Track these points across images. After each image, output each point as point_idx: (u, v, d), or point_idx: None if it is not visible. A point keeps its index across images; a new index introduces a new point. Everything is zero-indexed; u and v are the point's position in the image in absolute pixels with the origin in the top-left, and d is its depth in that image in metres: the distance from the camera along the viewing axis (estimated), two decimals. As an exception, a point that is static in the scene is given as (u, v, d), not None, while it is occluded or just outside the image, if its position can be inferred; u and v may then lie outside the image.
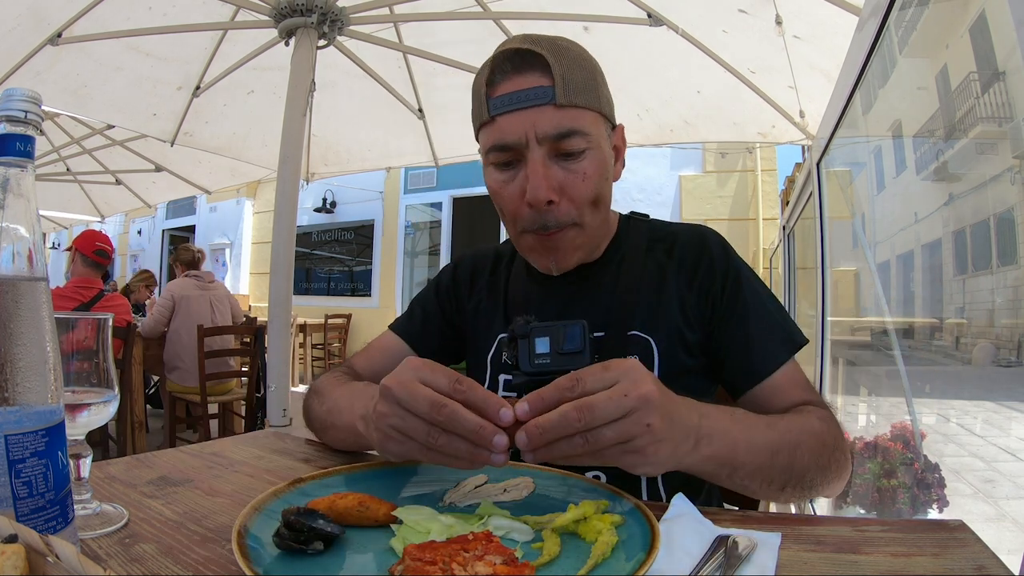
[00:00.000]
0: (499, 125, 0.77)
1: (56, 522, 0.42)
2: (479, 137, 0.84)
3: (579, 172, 0.77)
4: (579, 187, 0.77)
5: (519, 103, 0.76)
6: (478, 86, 0.81)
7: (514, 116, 0.76)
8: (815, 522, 0.59)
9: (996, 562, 0.47)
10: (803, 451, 0.66)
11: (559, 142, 0.76)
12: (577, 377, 0.51)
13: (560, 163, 0.77)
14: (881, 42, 1.89)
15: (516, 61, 0.77)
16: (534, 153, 0.76)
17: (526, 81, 0.76)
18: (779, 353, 0.81)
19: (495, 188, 0.82)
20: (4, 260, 0.40)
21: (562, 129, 0.75)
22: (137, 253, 12.68)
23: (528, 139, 0.75)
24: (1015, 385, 2.24)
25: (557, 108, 0.75)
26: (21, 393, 0.40)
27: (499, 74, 0.78)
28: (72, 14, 2.57)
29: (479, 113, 0.81)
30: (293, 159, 2.32)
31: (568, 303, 0.88)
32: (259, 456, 0.78)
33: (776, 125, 2.99)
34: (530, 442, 0.50)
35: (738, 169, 6.95)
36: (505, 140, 0.77)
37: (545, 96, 0.75)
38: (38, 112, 0.43)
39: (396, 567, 0.42)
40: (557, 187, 0.76)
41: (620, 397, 0.49)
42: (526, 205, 0.77)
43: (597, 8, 2.59)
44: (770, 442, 0.64)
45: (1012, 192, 2.02)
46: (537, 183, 0.75)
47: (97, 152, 5.05)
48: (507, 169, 0.80)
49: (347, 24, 2.54)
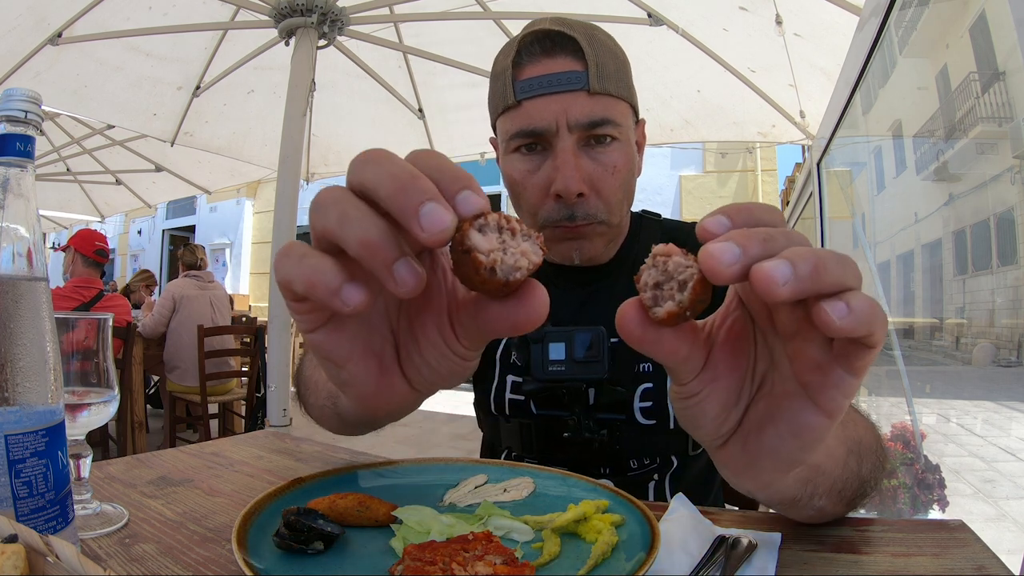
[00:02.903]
0: (526, 110, 0.72)
1: (56, 522, 0.42)
2: (498, 123, 0.78)
3: (609, 165, 0.72)
4: (608, 181, 0.73)
5: (550, 87, 0.70)
6: (501, 67, 0.75)
7: (544, 101, 0.70)
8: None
9: (996, 562, 0.47)
10: (865, 463, 0.53)
11: (591, 131, 0.71)
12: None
13: (589, 152, 0.72)
14: (881, 42, 1.89)
15: (546, 44, 0.71)
16: (564, 142, 0.70)
17: (557, 65, 0.70)
18: None
19: (517, 178, 0.75)
20: (4, 260, 0.40)
21: (595, 117, 0.70)
22: (137, 253, 12.69)
23: (559, 126, 0.70)
24: (1015, 385, 2.24)
25: (590, 95, 0.70)
26: (21, 393, 0.40)
27: (527, 56, 0.72)
28: (72, 14, 2.57)
29: (502, 96, 0.75)
30: (293, 159, 2.32)
31: (582, 305, 0.84)
32: (259, 456, 0.78)
33: (776, 125, 2.99)
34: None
35: (738, 169, 6.95)
36: (534, 126, 0.71)
37: (579, 82, 0.69)
38: (38, 112, 0.43)
39: (396, 567, 0.42)
40: (587, 179, 0.71)
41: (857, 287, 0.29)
42: (552, 197, 0.72)
43: (597, 8, 2.59)
44: (846, 439, 0.50)
45: (1012, 192, 2.02)
46: (569, 174, 0.69)
47: (97, 152, 5.05)
48: (531, 155, 0.74)
49: (347, 24, 2.54)
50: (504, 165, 0.78)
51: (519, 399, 0.82)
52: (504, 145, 0.77)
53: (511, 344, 0.84)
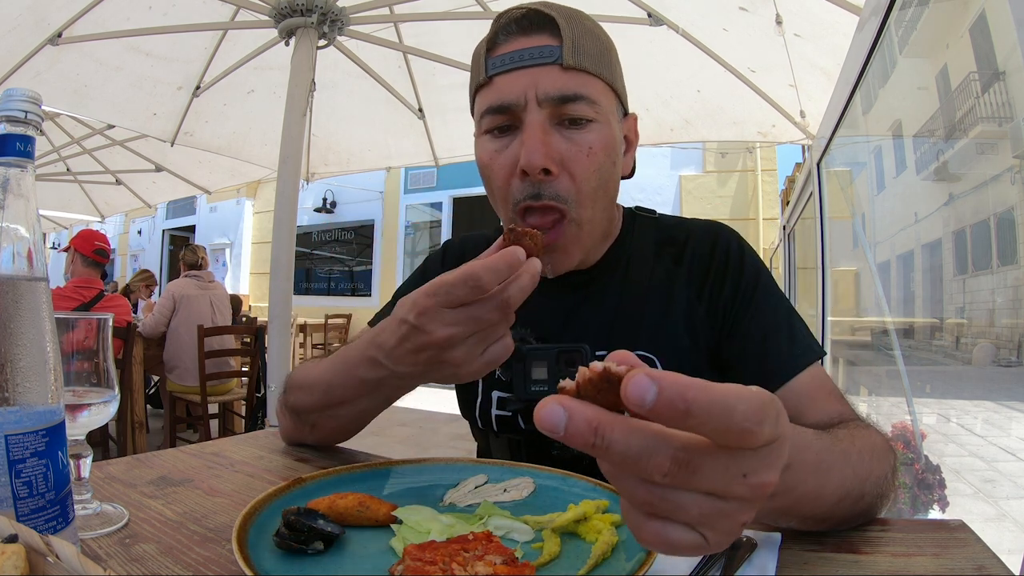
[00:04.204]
0: (496, 85, 0.68)
1: (56, 522, 0.42)
2: (474, 106, 0.73)
3: (583, 145, 0.67)
4: (583, 162, 0.67)
5: (521, 61, 0.67)
6: (478, 50, 0.72)
7: (513, 75, 0.67)
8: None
9: (996, 562, 0.47)
10: (867, 498, 0.54)
11: (562, 106, 0.66)
12: (762, 421, 0.28)
13: (563, 132, 0.67)
14: (881, 42, 1.89)
15: (523, 23, 0.68)
16: (532, 115, 0.66)
17: (531, 42, 0.67)
18: (802, 354, 0.71)
19: (485, 160, 0.71)
20: (4, 260, 0.40)
21: (567, 91, 0.66)
22: (137, 253, 12.69)
23: (527, 99, 0.66)
24: (1015, 385, 2.24)
25: (563, 69, 0.66)
26: (21, 393, 0.40)
27: (503, 35, 0.69)
28: (72, 14, 2.57)
29: (476, 77, 0.72)
30: (293, 159, 2.32)
31: (569, 315, 0.79)
32: (259, 456, 0.78)
33: (776, 124, 2.99)
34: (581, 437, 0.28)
35: (738, 169, 6.95)
36: (503, 100, 0.67)
37: (551, 55, 0.66)
38: (38, 112, 0.42)
39: (396, 567, 0.42)
40: (557, 157, 0.66)
41: (739, 479, 0.29)
42: (519, 175, 0.67)
43: (597, 8, 2.58)
44: (839, 487, 0.49)
45: (1012, 192, 2.02)
46: (533, 147, 0.64)
47: (97, 152, 5.05)
48: (501, 137, 0.69)
49: (347, 24, 2.54)
50: (476, 149, 0.73)
51: (506, 415, 0.80)
52: (476, 127, 0.73)
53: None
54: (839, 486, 0.49)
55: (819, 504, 0.48)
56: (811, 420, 0.67)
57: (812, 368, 0.70)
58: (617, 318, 0.76)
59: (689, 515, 0.30)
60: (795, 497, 0.44)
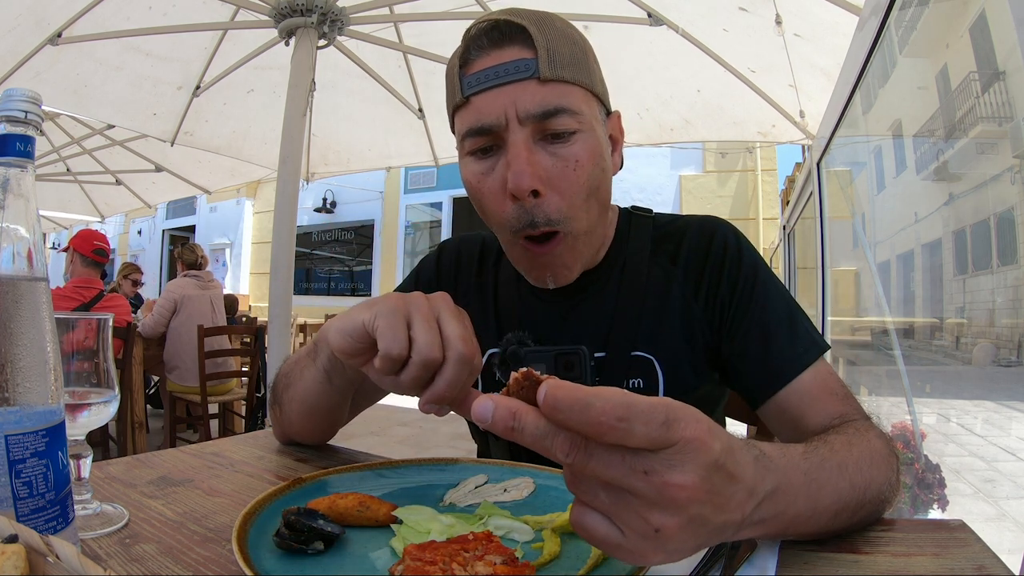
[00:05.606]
0: (475, 105, 0.66)
1: (56, 522, 0.42)
2: (454, 125, 0.72)
3: (569, 159, 0.66)
4: (570, 177, 0.66)
5: (496, 79, 0.65)
6: (451, 67, 0.70)
7: (491, 94, 0.65)
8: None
9: (996, 562, 0.47)
10: (867, 507, 0.53)
11: (544, 122, 0.65)
12: (626, 419, 0.32)
13: (547, 148, 0.66)
14: (881, 42, 1.89)
15: (494, 35, 0.66)
16: (515, 135, 0.64)
17: (505, 55, 0.65)
18: (804, 352, 0.70)
19: (472, 183, 0.70)
20: (4, 260, 0.40)
21: (547, 106, 0.64)
22: (137, 253, 12.69)
23: (508, 119, 0.64)
24: (1015, 385, 2.24)
25: (541, 83, 0.64)
26: (21, 393, 0.40)
27: (475, 50, 0.67)
28: (72, 14, 2.58)
29: (452, 96, 0.70)
30: (293, 159, 2.33)
31: (565, 317, 0.78)
32: (259, 456, 0.78)
33: (776, 124, 2.99)
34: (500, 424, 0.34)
35: (738, 169, 6.95)
36: (483, 121, 0.66)
37: (527, 70, 0.64)
38: (38, 112, 0.42)
39: (396, 567, 0.42)
40: (544, 176, 0.65)
41: (639, 474, 0.33)
42: (510, 198, 0.66)
43: (597, 8, 2.59)
44: (836, 502, 0.49)
45: (1012, 192, 2.02)
46: (520, 168, 0.63)
47: (97, 152, 5.05)
48: (485, 158, 0.68)
49: (347, 24, 2.54)
50: (462, 170, 0.72)
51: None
52: (459, 148, 0.71)
53: (492, 363, 0.78)
54: (835, 501, 0.49)
55: (814, 522, 0.48)
56: (812, 422, 0.66)
57: (816, 365, 0.69)
58: (614, 320, 0.76)
59: (599, 501, 0.35)
60: (787, 520, 0.44)
